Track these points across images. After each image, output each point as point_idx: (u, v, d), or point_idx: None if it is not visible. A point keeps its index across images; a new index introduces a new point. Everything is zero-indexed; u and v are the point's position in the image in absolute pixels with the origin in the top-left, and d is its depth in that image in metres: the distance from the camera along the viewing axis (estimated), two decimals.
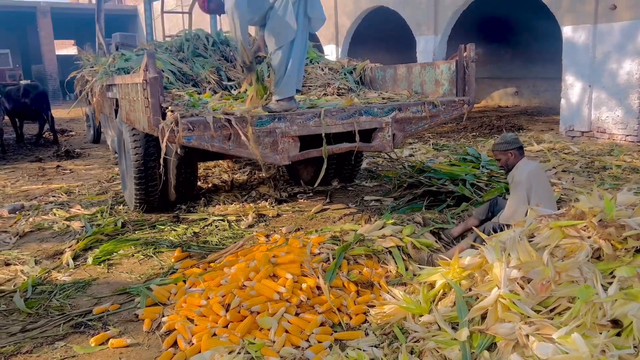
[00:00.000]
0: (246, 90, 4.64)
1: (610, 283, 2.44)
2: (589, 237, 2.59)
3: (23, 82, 11.43)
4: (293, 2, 4.21)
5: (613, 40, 8.84)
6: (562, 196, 5.03)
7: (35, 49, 27.93)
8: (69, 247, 4.45)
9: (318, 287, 3.29)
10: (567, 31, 9.56)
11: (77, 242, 4.54)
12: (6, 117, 10.33)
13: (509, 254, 2.71)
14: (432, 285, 3.06)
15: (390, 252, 3.74)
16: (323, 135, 4.29)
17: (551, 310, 2.48)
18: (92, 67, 6.63)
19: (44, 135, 11.28)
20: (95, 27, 8.77)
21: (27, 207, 5.87)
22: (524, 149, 3.97)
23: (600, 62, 9.11)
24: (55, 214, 5.50)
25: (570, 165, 6.96)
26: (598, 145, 8.60)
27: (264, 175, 6.77)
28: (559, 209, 4.20)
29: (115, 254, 4.31)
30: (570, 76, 9.66)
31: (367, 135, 4.61)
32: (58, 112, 15.46)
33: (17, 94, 10.33)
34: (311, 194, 6.11)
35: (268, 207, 5.56)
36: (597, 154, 7.78)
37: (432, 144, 9.33)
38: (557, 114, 10.96)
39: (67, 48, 38.06)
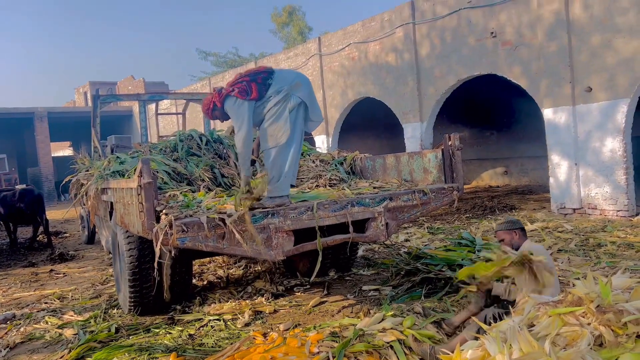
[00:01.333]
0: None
1: None
2: (588, 324, 2.56)
3: (18, 186, 11.54)
4: (290, 109, 4.40)
5: (593, 120, 9.16)
6: (560, 277, 5.01)
7: (32, 152, 28.40)
8: (60, 358, 4.31)
9: None
10: (547, 113, 9.91)
11: (69, 351, 4.40)
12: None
13: (510, 345, 2.66)
14: None
15: (392, 347, 3.66)
16: (317, 228, 4.32)
17: None
18: (87, 171, 6.74)
19: (37, 239, 11.24)
20: (90, 129, 8.98)
21: (18, 316, 5.74)
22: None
23: (583, 141, 9.37)
24: (47, 322, 5.37)
25: (565, 244, 6.96)
26: (591, 222, 8.65)
27: (259, 269, 6.71)
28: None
29: None
30: (555, 155, 9.89)
31: (360, 225, 4.64)
32: (53, 213, 15.50)
33: (13, 199, 10.39)
34: (308, 286, 6.04)
35: (265, 302, 5.47)
36: (591, 231, 7.81)
37: (427, 228, 9.36)
38: (547, 192, 11.10)
39: (63, 149, 38.82)
